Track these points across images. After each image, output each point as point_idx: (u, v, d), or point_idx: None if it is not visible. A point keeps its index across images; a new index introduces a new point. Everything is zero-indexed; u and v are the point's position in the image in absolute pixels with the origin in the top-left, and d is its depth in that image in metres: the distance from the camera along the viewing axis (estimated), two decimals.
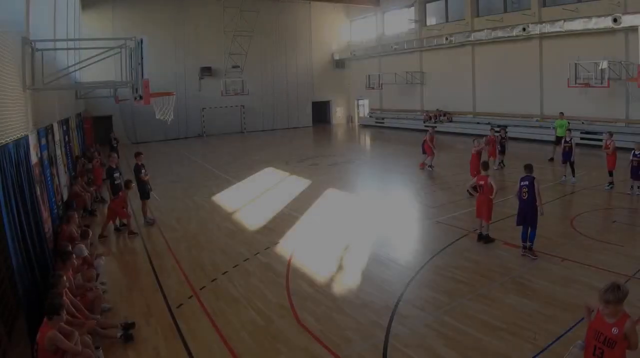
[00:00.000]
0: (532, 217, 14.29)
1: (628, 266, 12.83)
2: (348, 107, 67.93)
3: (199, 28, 53.27)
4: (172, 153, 42.08)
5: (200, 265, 14.69)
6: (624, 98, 34.40)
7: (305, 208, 20.90)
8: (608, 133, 22.24)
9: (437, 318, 10.54)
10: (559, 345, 9.15)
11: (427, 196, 22.37)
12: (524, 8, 41.37)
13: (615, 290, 6.76)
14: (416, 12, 53.10)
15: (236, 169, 31.86)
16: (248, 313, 11.25)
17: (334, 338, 9.91)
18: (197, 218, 20.22)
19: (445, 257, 14.50)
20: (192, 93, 53.29)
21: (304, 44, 62.07)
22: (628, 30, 32.66)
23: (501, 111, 44.78)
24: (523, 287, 11.98)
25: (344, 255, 15.25)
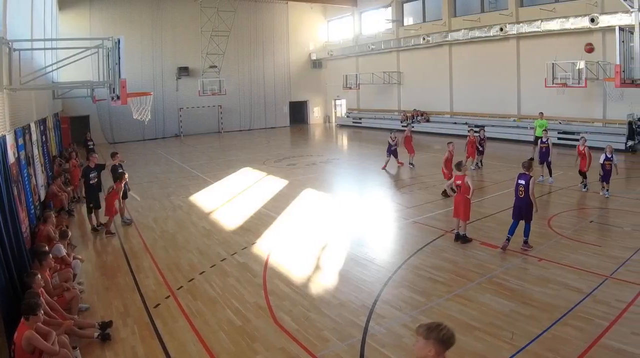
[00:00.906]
0: (527, 213, 14.69)
1: (605, 266, 12.96)
2: (325, 107, 68.51)
3: (176, 28, 53.37)
4: (149, 153, 41.90)
5: (178, 265, 14.66)
6: (601, 98, 34.79)
7: (283, 208, 20.91)
8: (583, 138, 22.00)
9: (415, 318, 10.49)
10: (536, 345, 9.22)
11: (404, 196, 22.44)
12: (502, 8, 41.93)
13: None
14: (393, 12, 53.70)
15: (213, 168, 31.87)
16: (225, 313, 11.25)
17: (311, 338, 9.92)
18: (174, 218, 20.20)
19: (423, 257, 14.52)
20: (169, 93, 53.56)
21: (281, 44, 62.40)
22: (605, 30, 33.05)
23: (478, 111, 45.34)
24: (500, 287, 12.01)
25: (321, 255, 15.27)
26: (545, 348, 9.02)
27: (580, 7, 34.64)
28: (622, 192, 21.39)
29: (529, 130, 32.55)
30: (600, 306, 10.55)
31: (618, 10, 30.47)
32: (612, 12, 31.73)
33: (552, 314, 10.32)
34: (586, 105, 36.10)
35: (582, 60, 31.85)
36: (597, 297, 11.02)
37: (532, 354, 8.93)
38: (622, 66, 19.57)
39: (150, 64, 51.89)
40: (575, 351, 8.88)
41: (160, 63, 52.84)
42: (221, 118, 58.40)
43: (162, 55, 52.89)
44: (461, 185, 15.47)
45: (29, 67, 16.88)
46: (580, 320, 9.99)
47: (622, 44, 19.63)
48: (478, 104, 45.28)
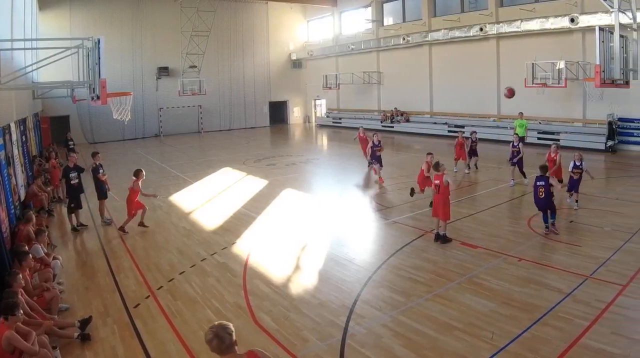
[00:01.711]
0: (551, 207, 15.89)
1: (585, 266, 12.99)
2: (305, 107, 68.39)
3: (156, 28, 53.16)
4: (129, 153, 41.76)
5: (157, 265, 14.64)
6: (581, 98, 34.95)
7: (262, 208, 20.89)
8: (555, 145, 21.14)
9: (394, 318, 10.57)
10: (516, 345, 9.23)
11: (384, 196, 22.44)
12: (481, 8, 41.99)
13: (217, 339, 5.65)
14: (373, 12, 53.78)
15: (193, 169, 31.81)
16: (205, 313, 11.22)
17: (290, 338, 9.92)
18: (154, 218, 20.04)
19: (402, 257, 14.54)
20: (149, 93, 53.25)
21: (261, 44, 62.26)
22: (585, 30, 33.15)
23: (458, 111, 45.52)
24: (480, 287, 12.02)
25: (301, 255, 15.29)
26: (525, 348, 9.03)
27: (560, 7, 34.77)
28: (602, 192, 21.49)
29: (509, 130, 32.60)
30: (580, 306, 10.57)
31: (598, 10, 30.64)
32: (592, 12, 31.90)
33: (532, 314, 10.34)
34: (566, 105, 36.29)
35: (562, 60, 31.94)
36: (577, 297, 11.04)
37: (512, 354, 8.94)
38: (602, 66, 19.65)
39: (130, 64, 51.71)
40: (555, 351, 8.90)
41: (140, 63, 52.60)
42: (201, 118, 58.21)
43: (142, 55, 52.64)
44: (440, 185, 15.50)
45: (9, 67, 16.78)
46: (560, 320, 10.01)
47: (602, 44, 19.71)
48: (458, 103, 45.40)
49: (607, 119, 32.78)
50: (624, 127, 33.31)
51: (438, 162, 16.11)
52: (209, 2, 50.69)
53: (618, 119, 33.15)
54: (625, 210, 18.43)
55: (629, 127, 33.19)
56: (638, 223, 16.51)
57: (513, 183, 23.23)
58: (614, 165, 29.03)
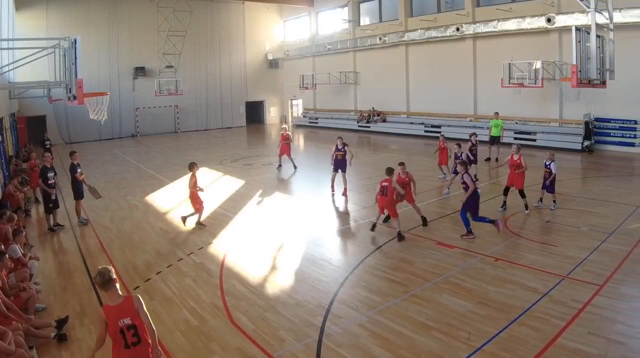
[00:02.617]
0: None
1: (562, 266, 13.08)
2: (282, 107, 68.17)
3: (133, 28, 52.90)
4: (106, 153, 41.53)
5: (134, 265, 14.60)
6: (557, 98, 35.18)
7: (239, 209, 20.86)
8: (516, 146, 19.51)
9: (371, 318, 10.60)
10: (493, 345, 9.28)
11: (361, 196, 22.35)
12: (458, 8, 42.18)
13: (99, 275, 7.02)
14: (350, 12, 53.80)
15: (170, 169, 31.64)
16: (181, 313, 11.21)
17: (267, 338, 9.91)
18: (130, 218, 20.11)
19: (379, 257, 14.59)
20: (125, 93, 52.95)
21: (237, 44, 62.17)
22: (562, 30, 33.41)
23: (435, 111, 45.53)
24: (457, 287, 12.08)
25: (277, 255, 15.30)
26: (501, 348, 9.07)
27: (536, 7, 34.99)
28: (578, 192, 21.70)
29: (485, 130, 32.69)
30: (556, 306, 10.65)
31: (574, 10, 30.85)
32: (569, 12, 32.13)
33: (508, 314, 10.42)
34: (543, 105, 36.50)
35: (538, 60, 32.05)
36: (554, 297, 11.13)
37: (489, 354, 9.00)
38: (578, 66, 19.72)
39: (107, 63, 51.46)
40: (532, 351, 8.95)
41: (116, 63, 52.34)
42: (178, 118, 58.05)
43: (119, 55, 52.37)
44: (388, 188, 15.90)
45: None
46: (537, 320, 10.08)
47: (578, 44, 19.76)
48: (435, 103, 45.51)
49: (584, 119, 32.96)
50: (600, 127, 33.48)
51: (391, 168, 16.52)
52: (185, 2, 50.69)
53: (595, 119, 33.34)
54: (602, 210, 18.56)
55: (605, 127, 33.37)
56: (615, 223, 16.66)
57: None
58: (591, 165, 29.18)
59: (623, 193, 21.41)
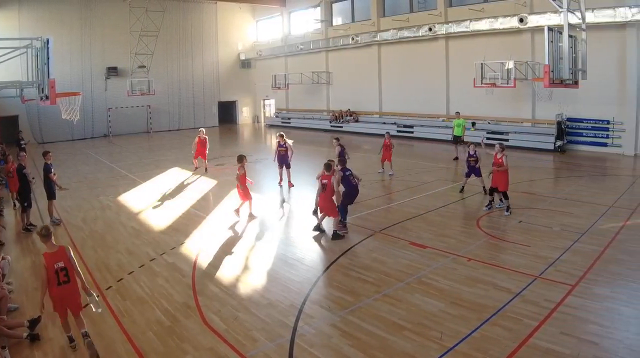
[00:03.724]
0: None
1: (534, 266, 13.12)
2: (254, 107, 68.46)
3: (105, 28, 52.83)
4: (78, 153, 41.25)
5: (106, 265, 14.49)
6: (530, 98, 35.48)
7: (211, 208, 20.87)
8: (499, 144, 19.26)
9: (343, 318, 10.57)
10: (465, 345, 9.28)
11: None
12: (430, 8, 42.35)
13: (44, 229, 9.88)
14: (322, 12, 54.08)
15: (142, 169, 31.57)
16: (154, 313, 11.16)
17: (240, 338, 9.87)
18: (103, 218, 19.95)
19: (351, 257, 14.58)
20: (98, 93, 52.88)
21: (210, 44, 62.42)
22: (534, 30, 33.73)
23: (407, 111, 45.88)
24: (429, 287, 12.06)
25: (250, 255, 15.26)
26: (474, 348, 9.09)
27: (509, 7, 35.20)
28: (551, 192, 21.84)
29: None
30: (529, 306, 10.67)
31: (547, 10, 31.09)
32: (541, 12, 32.32)
33: (480, 314, 10.45)
34: (515, 105, 36.71)
35: (511, 60, 32.18)
36: (526, 297, 11.15)
37: (461, 354, 9.00)
38: (550, 66, 19.82)
39: (79, 63, 51.36)
40: (504, 351, 8.96)
41: (89, 63, 52.23)
42: (150, 118, 57.93)
43: (91, 55, 52.27)
44: (327, 185, 15.99)
45: None
46: (509, 320, 10.10)
47: (550, 44, 19.87)
48: (407, 104, 45.87)
49: (556, 119, 33.21)
50: (572, 127, 33.78)
51: (330, 163, 16.49)
52: (158, 1, 50.84)
53: (567, 119, 33.64)
54: (575, 210, 18.68)
55: (577, 127, 33.66)
56: (587, 223, 16.76)
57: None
58: (563, 165, 29.43)
59: (595, 193, 21.57)
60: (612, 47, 30.78)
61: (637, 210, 18.43)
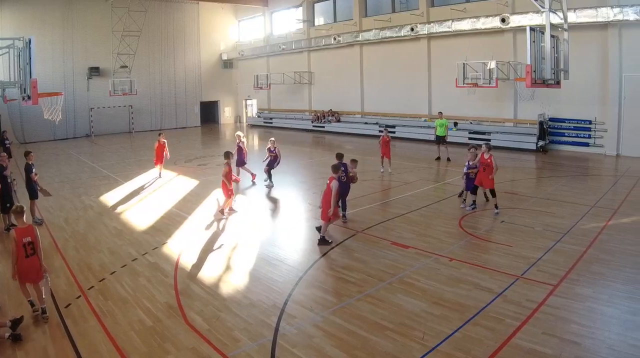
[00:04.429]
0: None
1: (516, 266, 13.19)
2: (236, 107, 68.82)
3: (87, 28, 52.81)
4: (61, 153, 41.14)
5: (88, 265, 14.43)
6: (512, 98, 35.69)
7: (193, 208, 20.77)
8: (486, 145, 19.00)
9: (325, 318, 10.61)
10: (447, 345, 9.30)
11: (315, 196, 22.28)
12: (412, 8, 42.54)
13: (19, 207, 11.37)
14: (304, 12, 54.30)
15: (124, 169, 31.52)
16: (136, 313, 11.11)
17: (222, 338, 9.86)
18: (85, 218, 19.86)
19: (334, 257, 14.62)
20: (80, 93, 52.88)
21: (192, 44, 62.70)
22: (516, 30, 33.96)
23: (389, 111, 46.05)
24: (411, 287, 12.11)
25: (232, 255, 15.25)
26: (456, 348, 9.11)
27: (491, 7, 35.38)
28: (533, 192, 21.91)
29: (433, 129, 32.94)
30: (511, 306, 10.73)
31: (529, 10, 31.30)
32: (523, 12, 32.51)
33: (463, 314, 10.50)
34: (497, 105, 36.89)
35: (493, 60, 32.25)
36: (508, 297, 11.22)
37: (443, 354, 9.02)
38: (533, 66, 19.83)
39: (62, 64, 51.29)
40: (486, 351, 9.00)
41: (71, 63, 52.16)
42: (132, 118, 57.83)
43: (73, 55, 52.20)
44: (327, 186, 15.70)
45: None
46: (491, 320, 10.15)
47: (533, 44, 19.87)
48: (389, 103, 46.22)
49: (538, 119, 33.41)
50: (554, 127, 34.01)
51: (337, 165, 16.40)
52: (140, 1, 50.63)
53: (549, 119, 33.85)
54: (557, 210, 18.78)
55: (560, 127, 33.87)
56: (569, 223, 16.85)
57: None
58: (545, 165, 29.56)
59: (577, 193, 21.68)
60: (594, 47, 31.00)
61: (619, 210, 18.56)
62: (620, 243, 14.89)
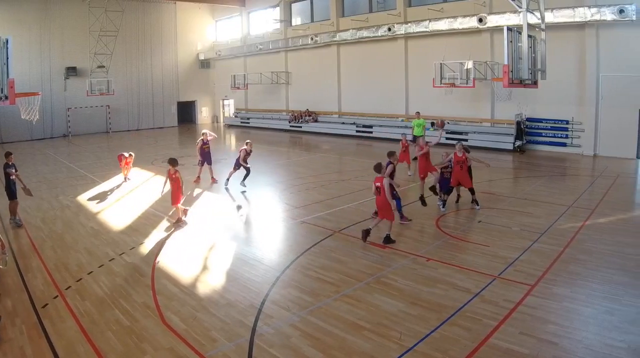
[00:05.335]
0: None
1: (494, 266, 13.21)
2: (213, 107, 68.70)
3: (65, 28, 52.57)
4: (38, 153, 40.99)
5: (66, 265, 14.36)
6: (489, 98, 35.80)
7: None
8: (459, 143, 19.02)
9: (303, 318, 10.59)
10: (425, 345, 9.30)
11: (293, 196, 22.33)
12: (390, 8, 42.60)
13: None
14: (282, 12, 54.14)
15: (101, 169, 31.41)
16: (113, 313, 11.06)
17: (199, 338, 9.84)
18: (62, 218, 19.81)
19: (311, 257, 14.56)
20: (57, 93, 52.58)
21: (169, 44, 62.61)
22: (493, 30, 34.13)
23: (367, 111, 46.06)
24: (388, 287, 12.12)
25: (209, 255, 15.25)
26: (433, 348, 9.12)
27: (468, 7, 35.48)
28: (510, 192, 22.00)
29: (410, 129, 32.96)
30: (488, 306, 10.76)
31: (506, 10, 31.48)
32: (501, 12, 32.72)
33: (440, 314, 10.51)
34: (474, 105, 37.01)
35: (470, 60, 32.39)
36: (485, 297, 11.25)
37: (420, 354, 9.02)
38: (510, 66, 19.89)
39: (39, 63, 51.06)
40: (464, 351, 9.02)
41: (48, 63, 51.90)
42: (109, 118, 57.54)
43: (50, 55, 51.95)
44: (381, 188, 15.30)
45: None
46: (469, 320, 10.18)
47: (510, 44, 19.92)
48: (366, 104, 46.20)
49: (516, 119, 33.47)
50: (532, 127, 34.19)
51: (380, 164, 15.81)
52: (117, 1, 50.60)
53: (526, 119, 33.96)
54: (534, 210, 18.83)
55: (537, 127, 34.05)
56: (546, 223, 16.91)
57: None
58: (523, 165, 29.73)
59: (555, 193, 21.77)
60: (572, 47, 31.17)
61: (596, 210, 18.62)
62: (598, 243, 14.95)
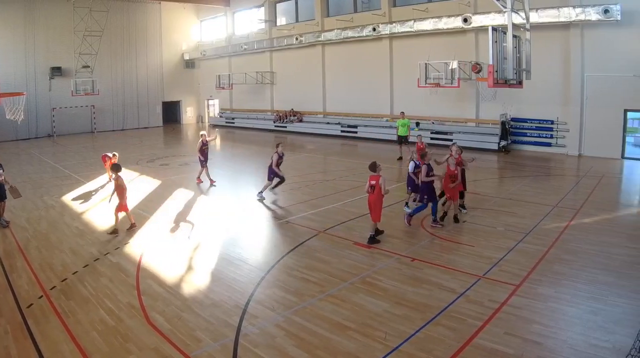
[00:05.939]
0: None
1: (479, 266, 13.26)
2: (198, 107, 68.61)
3: (49, 28, 52.30)
4: (22, 153, 40.85)
5: (50, 265, 14.32)
6: (474, 98, 35.89)
7: (156, 208, 20.69)
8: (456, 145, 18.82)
9: (287, 318, 10.62)
10: (409, 345, 9.34)
11: (277, 196, 22.28)
12: (374, 8, 42.66)
13: None
14: (266, 12, 54.12)
15: (86, 169, 31.26)
16: (98, 313, 11.03)
17: (184, 338, 9.84)
18: (47, 218, 19.74)
19: (296, 257, 14.60)
20: (42, 93, 52.30)
21: (154, 44, 62.29)
22: (478, 30, 34.17)
23: (351, 111, 46.15)
24: (373, 287, 12.15)
25: (194, 255, 15.20)
26: (418, 349, 9.15)
27: (453, 7, 35.60)
28: (495, 192, 22.05)
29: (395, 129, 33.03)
30: (473, 306, 10.82)
31: (491, 10, 31.62)
32: (485, 12, 32.86)
33: (425, 314, 10.55)
34: (459, 105, 37.08)
35: (455, 60, 32.47)
36: (470, 297, 11.31)
37: (405, 354, 9.05)
38: (495, 66, 19.91)
39: (24, 63, 50.92)
40: (448, 351, 9.05)
41: (33, 63, 51.67)
42: (94, 118, 57.15)
43: (35, 55, 51.72)
44: (375, 186, 15.41)
45: None
46: (453, 320, 10.22)
47: (495, 44, 19.91)
48: (351, 104, 46.36)
49: (500, 119, 33.51)
50: (516, 127, 34.36)
51: (375, 163, 15.91)
52: (102, 1, 50.77)
53: (511, 119, 34.08)
54: (519, 210, 18.90)
55: (522, 127, 34.22)
56: (531, 223, 16.97)
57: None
58: (507, 165, 29.84)
59: (539, 193, 21.88)
60: (556, 47, 31.33)
61: (581, 210, 18.69)
62: (583, 243, 15.01)
